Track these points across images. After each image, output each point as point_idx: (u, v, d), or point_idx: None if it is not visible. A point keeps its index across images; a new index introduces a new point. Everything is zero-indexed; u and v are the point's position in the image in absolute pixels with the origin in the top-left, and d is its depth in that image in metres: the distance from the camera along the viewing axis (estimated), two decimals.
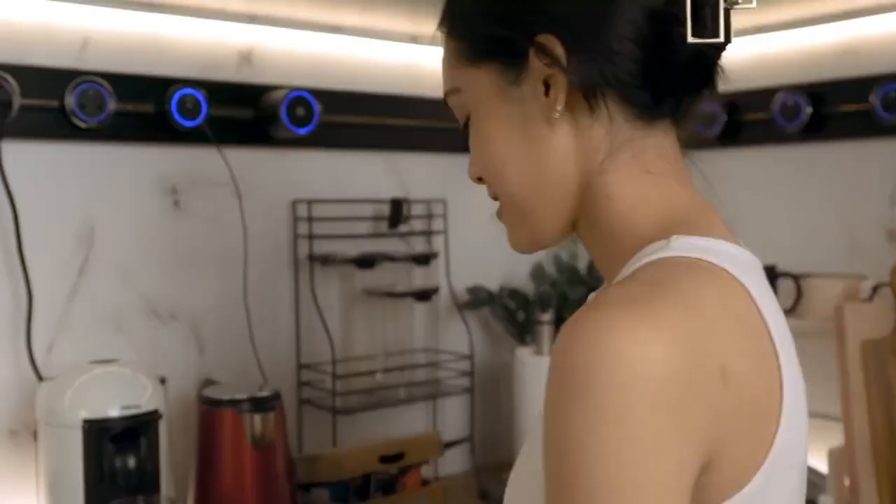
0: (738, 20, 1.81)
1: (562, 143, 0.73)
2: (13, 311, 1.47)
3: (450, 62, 0.78)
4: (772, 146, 1.88)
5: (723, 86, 1.77)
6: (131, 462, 1.26)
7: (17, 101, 1.42)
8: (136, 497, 1.24)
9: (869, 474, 1.43)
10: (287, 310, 1.78)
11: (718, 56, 0.76)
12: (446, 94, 0.79)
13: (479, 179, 0.80)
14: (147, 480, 1.28)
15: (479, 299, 1.97)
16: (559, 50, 0.70)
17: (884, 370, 1.45)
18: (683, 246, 0.68)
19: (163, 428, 1.32)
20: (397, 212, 1.85)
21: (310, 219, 1.76)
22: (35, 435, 1.40)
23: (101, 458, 1.26)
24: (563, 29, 0.70)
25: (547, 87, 0.71)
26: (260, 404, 1.40)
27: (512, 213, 0.79)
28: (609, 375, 0.58)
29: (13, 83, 1.41)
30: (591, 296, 0.75)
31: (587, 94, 0.71)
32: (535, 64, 0.71)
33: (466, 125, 0.79)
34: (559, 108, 0.71)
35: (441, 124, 1.97)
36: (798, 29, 1.83)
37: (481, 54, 0.75)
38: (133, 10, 1.59)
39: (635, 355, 0.58)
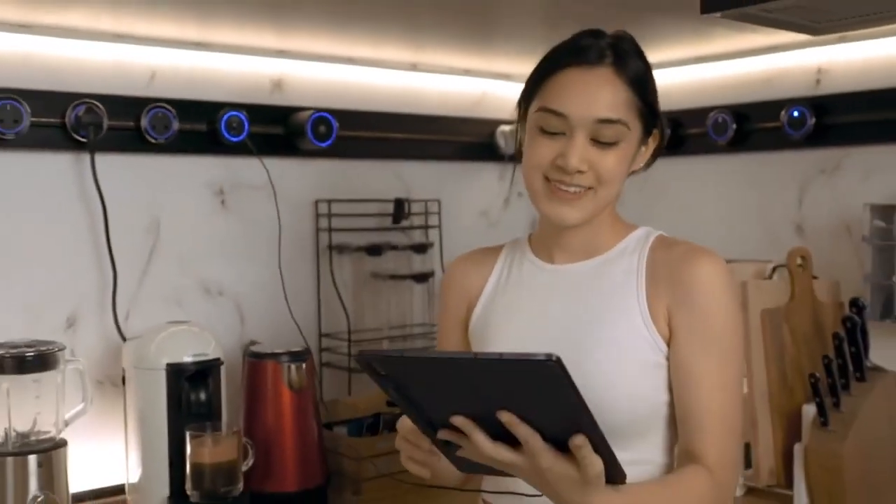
0: (680, 52, 2.25)
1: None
2: (100, 288, 1.85)
3: (628, 105, 1.15)
4: (706, 156, 2.24)
5: (668, 105, 2.25)
6: (202, 396, 1.65)
7: (105, 123, 1.79)
8: (206, 423, 1.64)
9: (765, 414, 1.80)
10: (310, 289, 2.14)
11: None
12: (617, 120, 1.14)
13: (580, 172, 1.14)
14: (213, 411, 1.67)
15: None
16: (656, 138, 1.23)
17: (778, 332, 1.82)
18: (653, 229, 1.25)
19: (223, 372, 1.71)
20: (400, 209, 2.19)
21: (329, 215, 2.11)
22: (120, 382, 1.76)
23: (180, 393, 1.64)
24: (661, 125, 1.23)
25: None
26: (295, 357, 1.79)
27: (596, 200, 1.17)
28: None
29: (102, 109, 1.79)
30: (653, 236, 1.24)
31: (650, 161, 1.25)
32: (651, 140, 1.22)
33: (608, 143, 1.14)
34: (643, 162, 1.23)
35: (436, 137, 2.33)
36: (727, 60, 2.20)
37: (644, 119, 1.18)
38: (188, 49, 1.94)
39: None
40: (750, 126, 2.14)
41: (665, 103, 2.31)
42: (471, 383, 0.93)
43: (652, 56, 2.20)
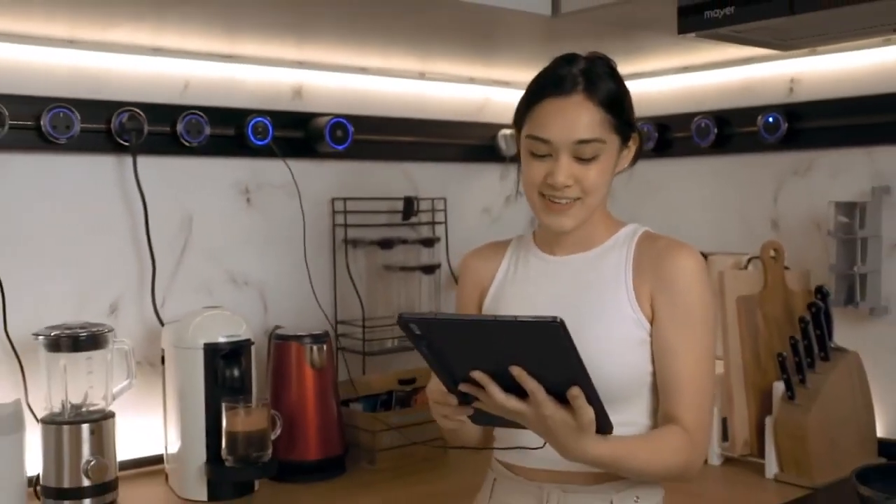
0: (667, 62, 2.46)
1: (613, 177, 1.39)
2: (139, 278, 2.04)
3: (602, 124, 1.32)
4: (690, 157, 2.42)
5: (656, 111, 2.48)
6: (235, 373, 1.82)
7: (146, 128, 1.98)
8: (239, 396, 1.82)
9: (740, 391, 1.99)
10: (327, 280, 2.31)
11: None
12: (593, 139, 1.32)
13: (567, 186, 1.33)
14: (245, 386, 1.84)
15: None
16: (636, 141, 1.40)
17: (753, 317, 2.01)
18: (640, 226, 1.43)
19: (253, 351, 1.90)
20: (409, 207, 2.35)
21: (345, 212, 2.27)
22: (158, 362, 1.95)
23: (215, 370, 1.81)
24: (638, 131, 1.41)
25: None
26: (316, 339, 1.97)
27: (585, 207, 1.35)
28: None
29: (143, 116, 1.98)
30: (640, 232, 1.42)
31: (631, 163, 1.42)
32: (632, 144, 1.39)
33: (588, 159, 1.32)
34: (627, 163, 1.41)
35: (442, 140, 2.50)
36: (709, 70, 2.37)
37: (621, 132, 1.35)
38: (217, 61, 2.12)
39: None
40: (730, 130, 2.31)
41: (653, 109, 2.52)
42: (489, 342, 1.12)
43: (641, 66, 2.42)
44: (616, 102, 1.35)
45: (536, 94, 1.36)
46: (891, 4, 1.53)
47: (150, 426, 2.00)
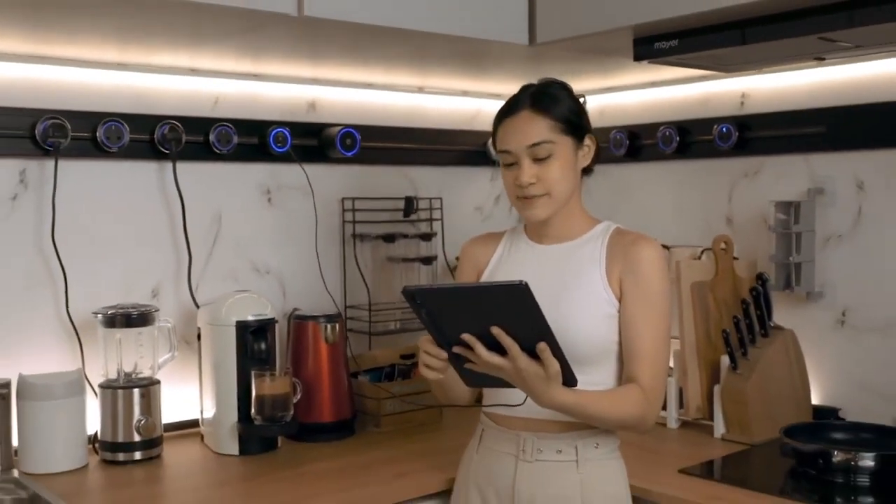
0: (635, 79, 2.82)
1: (579, 173, 1.68)
2: (177, 267, 2.35)
3: (550, 129, 1.61)
4: (657, 162, 2.71)
5: (627, 121, 2.81)
6: (262, 346, 2.13)
7: (183, 138, 2.29)
8: (266, 366, 2.14)
9: (694, 364, 2.30)
10: (337, 269, 2.61)
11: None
12: (543, 141, 1.61)
13: (532, 184, 1.61)
14: (270, 358, 2.15)
15: None
16: (593, 140, 1.69)
17: (705, 301, 2.32)
18: (613, 223, 1.71)
19: (277, 329, 2.22)
20: (409, 205, 2.62)
21: (353, 210, 2.57)
22: (194, 339, 2.25)
23: (245, 344, 2.12)
24: (592, 133, 1.70)
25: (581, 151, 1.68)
26: (330, 318, 2.29)
27: (552, 200, 1.63)
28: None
29: (181, 128, 2.29)
30: (612, 228, 1.72)
31: (594, 161, 1.71)
32: (587, 142, 1.68)
33: (544, 158, 1.60)
34: (589, 160, 1.69)
35: (439, 146, 2.78)
36: (672, 86, 2.67)
37: (572, 134, 1.64)
38: (243, 79, 2.42)
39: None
40: (690, 138, 2.60)
41: (625, 119, 2.84)
42: (473, 307, 1.39)
43: (613, 82, 2.75)
44: (562, 110, 1.65)
45: (499, 118, 1.70)
46: (813, 40, 1.84)
47: (185, 395, 2.31)
